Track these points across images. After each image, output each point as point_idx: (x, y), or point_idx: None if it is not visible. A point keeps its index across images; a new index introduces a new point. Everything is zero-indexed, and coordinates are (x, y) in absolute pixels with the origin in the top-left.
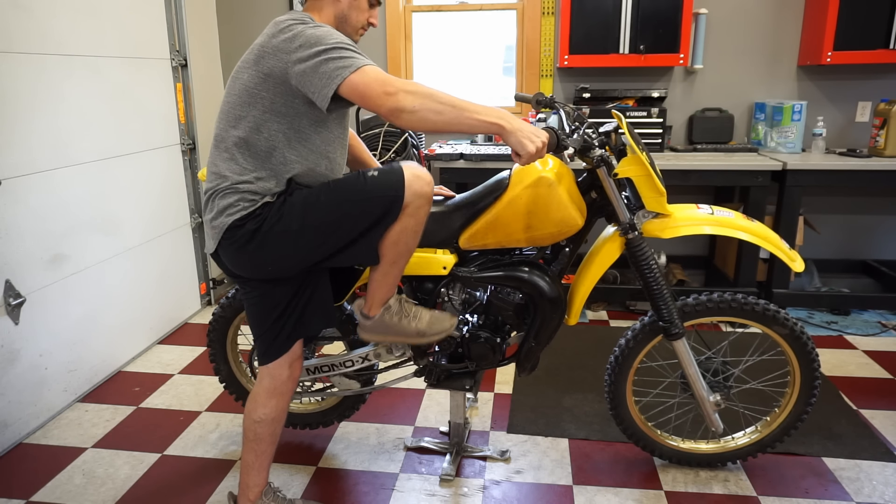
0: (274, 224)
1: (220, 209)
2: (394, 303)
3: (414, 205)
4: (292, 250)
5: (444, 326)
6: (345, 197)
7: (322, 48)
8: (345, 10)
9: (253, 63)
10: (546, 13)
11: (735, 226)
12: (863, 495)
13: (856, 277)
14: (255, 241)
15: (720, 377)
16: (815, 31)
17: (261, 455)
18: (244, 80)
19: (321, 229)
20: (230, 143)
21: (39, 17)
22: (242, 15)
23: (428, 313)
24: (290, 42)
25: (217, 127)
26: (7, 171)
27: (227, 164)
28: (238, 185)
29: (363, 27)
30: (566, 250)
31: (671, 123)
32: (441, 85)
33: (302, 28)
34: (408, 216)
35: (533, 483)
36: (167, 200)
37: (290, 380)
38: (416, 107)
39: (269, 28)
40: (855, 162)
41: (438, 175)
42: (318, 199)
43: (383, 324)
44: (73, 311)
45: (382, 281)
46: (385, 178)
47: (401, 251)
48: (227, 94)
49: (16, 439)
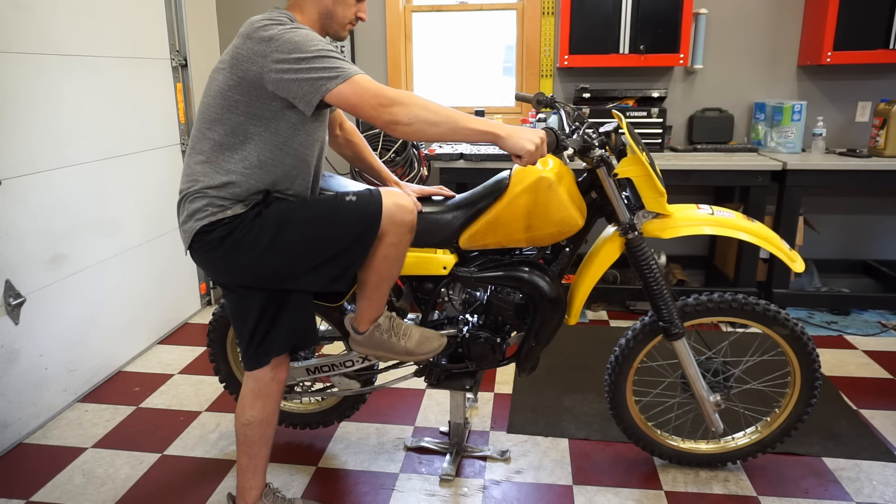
0: (245, 234)
1: (190, 213)
2: (383, 321)
3: (394, 234)
4: (259, 263)
5: (432, 346)
6: (319, 218)
7: (302, 56)
8: (329, 7)
9: (228, 65)
10: (546, 13)
11: (735, 226)
12: (863, 495)
13: (856, 277)
14: (224, 247)
15: (720, 377)
16: (815, 31)
17: (254, 457)
18: (219, 81)
19: (291, 246)
20: (205, 146)
21: (39, 17)
22: (242, 15)
23: (418, 332)
24: (265, 45)
25: (193, 128)
26: (7, 171)
27: (200, 168)
28: (207, 190)
29: (351, 22)
30: (566, 250)
31: (671, 123)
32: (441, 85)
33: (280, 31)
34: (388, 245)
35: (533, 483)
36: (167, 200)
37: (275, 381)
38: (411, 119)
39: (244, 28)
40: (855, 162)
41: (438, 175)
42: (293, 215)
43: (373, 340)
44: (73, 312)
45: (368, 303)
46: (362, 206)
47: (382, 277)
48: (204, 95)
49: (16, 439)
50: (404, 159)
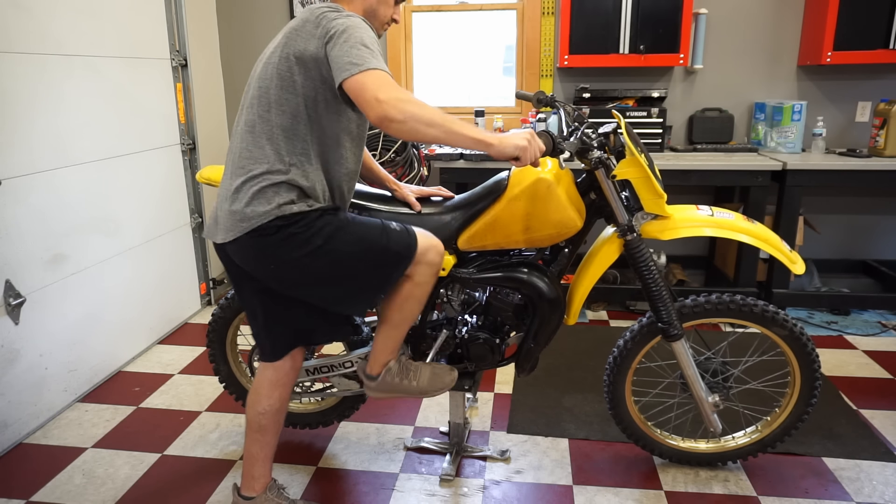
0: (303, 231)
1: (252, 196)
2: (393, 364)
3: (422, 273)
4: (302, 263)
5: (444, 382)
6: (369, 234)
7: (350, 40)
8: (374, 5)
9: (283, 46)
10: (546, 13)
11: (735, 228)
12: (863, 495)
13: (856, 277)
14: (278, 236)
15: (719, 378)
16: (815, 31)
17: (265, 446)
18: (275, 63)
19: (338, 256)
20: (266, 127)
21: (39, 17)
22: (242, 15)
23: (428, 370)
24: (324, 27)
25: (249, 112)
26: (7, 171)
27: (261, 151)
28: (271, 175)
29: (388, 22)
30: (565, 251)
31: (671, 123)
32: (441, 85)
33: (335, 15)
34: (414, 284)
35: (533, 483)
36: (167, 200)
37: (293, 370)
38: (404, 117)
39: (303, 13)
40: (855, 162)
41: (438, 175)
42: (347, 226)
43: (385, 384)
44: (73, 311)
45: (385, 343)
46: (403, 237)
47: (405, 317)
48: (260, 77)
49: (16, 439)
50: (404, 159)
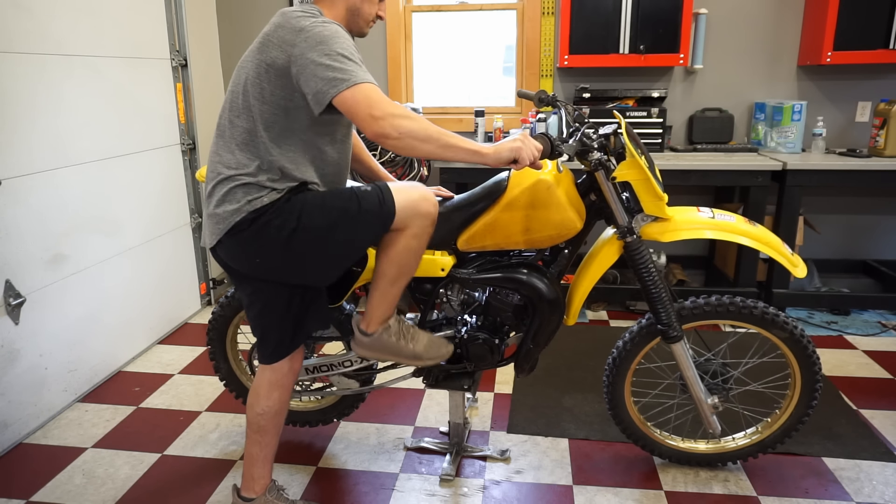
0: (272, 218)
1: (222, 197)
2: (394, 323)
3: (418, 225)
4: (284, 248)
5: (440, 352)
6: (336, 204)
7: (326, 52)
8: (357, 3)
9: (256, 52)
10: (546, 13)
11: (736, 230)
12: (863, 495)
13: (856, 277)
14: (251, 230)
15: (719, 379)
16: (815, 31)
17: (265, 447)
18: (248, 70)
19: (315, 232)
20: (235, 132)
21: (39, 17)
22: (242, 15)
23: (426, 337)
24: (295, 35)
25: (221, 116)
26: (7, 171)
27: (230, 155)
28: (240, 177)
29: (373, 20)
30: (565, 252)
31: (671, 123)
32: (441, 85)
33: (311, 23)
34: (410, 236)
35: (533, 483)
36: (167, 200)
37: (292, 372)
38: (399, 134)
39: (275, 18)
40: (855, 162)
41: (438, 175)
42: (315, 199)
43: (381, 342)
44: (73, 311)
45: (381, 299)
46: (374, 194)
47: (402, 271)
48: (233, 83)
49: (16, 439)
50: (404, 159)
